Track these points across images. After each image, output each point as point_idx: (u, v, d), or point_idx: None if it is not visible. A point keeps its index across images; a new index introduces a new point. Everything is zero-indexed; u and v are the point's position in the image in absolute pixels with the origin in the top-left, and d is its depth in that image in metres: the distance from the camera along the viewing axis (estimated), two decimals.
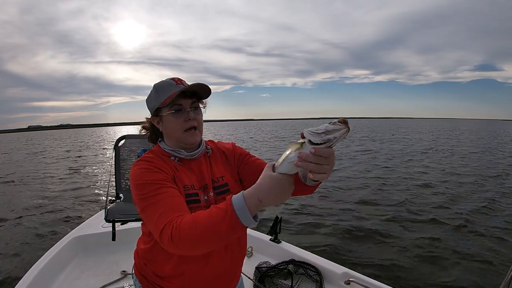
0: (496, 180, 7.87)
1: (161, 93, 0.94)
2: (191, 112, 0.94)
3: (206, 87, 0.94)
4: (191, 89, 0.93)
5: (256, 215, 0.69)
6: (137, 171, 0.87)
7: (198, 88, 0.93)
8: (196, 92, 0.95)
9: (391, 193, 6.61)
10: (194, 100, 0.96)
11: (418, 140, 21.89)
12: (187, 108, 0.94)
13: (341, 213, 5.26)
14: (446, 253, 3.72)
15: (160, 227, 0.73)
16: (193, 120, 0.94)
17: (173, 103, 0.92)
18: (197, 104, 0.97)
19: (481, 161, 11.28)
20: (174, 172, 0.92)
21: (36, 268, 1.93)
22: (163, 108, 0.94)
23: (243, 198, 0.68)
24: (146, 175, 0.85)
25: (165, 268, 0.94)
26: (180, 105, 0.93)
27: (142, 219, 0.86)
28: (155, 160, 0.91)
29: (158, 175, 0.86)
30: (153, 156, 0.93)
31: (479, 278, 3.14)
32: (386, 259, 3.57)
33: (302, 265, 2.02)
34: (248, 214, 0.67)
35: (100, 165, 12.73)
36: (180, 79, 0.97)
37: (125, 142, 2.40)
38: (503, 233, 4.26)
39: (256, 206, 0.67)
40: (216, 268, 0.96)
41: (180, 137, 0.95)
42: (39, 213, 5.79)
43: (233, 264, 1.02)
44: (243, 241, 1.06)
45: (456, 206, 5.56)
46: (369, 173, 8.94)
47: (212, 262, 0.95)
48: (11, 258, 3.85)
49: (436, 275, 3.23)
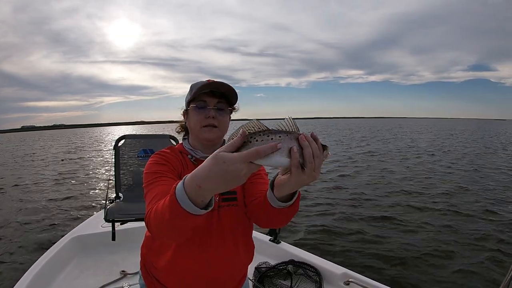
0: (498, 182, 7.88)
1: (192, 90, 0.97)
2: (213, 110, 0.96)
3: (231, 88, 0.96)
4: (217, 89, 0.95)
5: (208, 200, 0.63)
6: (148, 162, 0.95)
7: (225, 89, 0.96)
8: (226, 95, 0.97)
9: (391, 192, 6.61)
10: (221, 100, 0.97)
11: (416, 140, 21.92)
12: (211, 106, 0.96)
13: (341, 213, 5.26)
14: (445, 253, 3.72)
15: (147, 213, 0.77)
16: (214, 119, 0.95)
17: (198, 99, 0.96)
18: (223, 106, 0.98)
19: (485, 160, 11.30)
20: (183, 168, 0.96)
21: (36, 267, 1.93)
22: (191, 103, 0.98)
23: (182, 185, 0.63)
24: (153, 166, 0.92)
25: (160, 259, 0.97)
26: (204, 102, 0.96)
27: None
28: (168, 155, 0.97)
29: (163, 167, 0.92)
30: (167, 151, 0.99)
31: (479, 278, 3.14)
32: (385, 259, 3.58)
33: (301, 265, 2.02)
34: (187, 201, 0.61)
35: (99, 165, 12.73)
36: (214, 80, 0.99)
37: (125, 142, 2.40)
38: (504, 233, 4.27)
39: (196, 192, 0.60)
40: (213, 267, 0.95)
41: (198, 132, 0.97)
42: (39, 213, 5.79)
43: (235, 267, 1.02)
44: (249, 246, 1.06)
45: (456, 206, 5.56)
46: (368, 173, 8.95)
47: (209, 260, 0.94)
48: (10, 257, 3.85)
49: (435, 275, 3.23)
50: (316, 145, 0.61)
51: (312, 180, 0.63)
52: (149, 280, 1.03)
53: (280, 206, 0.77)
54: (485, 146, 17.87)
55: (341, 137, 26.65)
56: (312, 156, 0.60)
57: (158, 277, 0.99)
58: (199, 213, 0.63)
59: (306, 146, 0.60)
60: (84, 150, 20.94)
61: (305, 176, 0.62)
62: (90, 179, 9.42)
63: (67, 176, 10.09)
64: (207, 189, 0.60)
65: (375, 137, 26.07)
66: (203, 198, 0.62)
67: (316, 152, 0.60)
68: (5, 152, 23.06)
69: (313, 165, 0.61)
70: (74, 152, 19.56)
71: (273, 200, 0.77)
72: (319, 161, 0.61)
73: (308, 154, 0.60)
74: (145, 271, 1.05)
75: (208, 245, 0.94)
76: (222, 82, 0.96)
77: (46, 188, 8.22)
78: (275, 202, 0.76)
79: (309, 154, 0.60)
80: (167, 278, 0.98)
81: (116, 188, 2.34)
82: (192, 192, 0.61)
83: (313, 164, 0.60)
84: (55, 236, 4.40)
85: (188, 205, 0.62)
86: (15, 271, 3.38)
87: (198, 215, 0.63)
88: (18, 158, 17.64)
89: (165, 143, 2.38)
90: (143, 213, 0.82)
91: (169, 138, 2.42)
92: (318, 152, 0.61)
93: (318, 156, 0.61)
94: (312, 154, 0.60)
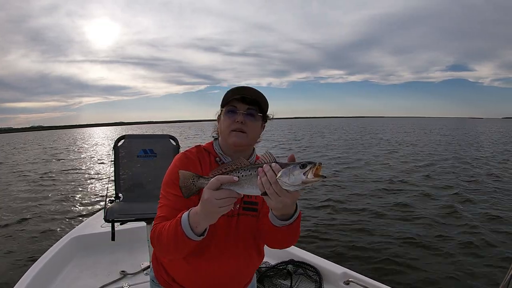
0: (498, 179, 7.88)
1: (226, 95, 1.01)
2: (242, 116, 0.97)
3: (263, 97, 1.00)
4: (249, 95, 0.98)
5: (202, 231, 0.82)
6: (172, 163, 1.00)
7: (255, 96, 0.98)
8: (257, 102, 0.99)
9: (390, 193, 6.62)
10: (252, 107, 0.99)
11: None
12: (240, 111, 0.98)
13: (341, 213, 5.26)
14: (445, 252, 3.72)
15: (152, 228, 0.93)
16: (242, 124, 0.97)
17: (230, 105, 0.99)
18: (254, 112, 0.99)
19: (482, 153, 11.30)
20: (202, 168, 1.00)
21: (36, 267, 1.93)
22: (223, 108, 1.01)
23: (187, 217, 0.82)
24: (173, 174, 0.95)
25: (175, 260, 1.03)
26: (235, 107, 0.99)
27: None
28: (193, 156, 1.01)
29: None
30: (193, 152, 1.03)
31: (478, 278, 3.14)
32: (385, 259, 3.58)
33: (301, 265, 2.02)
34: (190, 231, 0.81)
35: (99, 165, 12.72)
36: (247, 86, 1.01)
37: (125, 142, 2.39)
38: (503, 233, 4.27)
39: (196, 226, 0.81)
40: (224, 270, 0.99)
41: (227, 136, 0.99)
42: (39, 213, 5.78)
43: (247, 269, 1.06)
44: (261, 250, 1.09)
45: (456, 207, 5.56)
46: (367, 173, 8.95)
47: (221, 262, 0.98)
48: (10, 257, 3.85)
49: (435, 274, 3.23)
50: (271, 173, 0.70)
51: (284, 201, 0.72)
52: (160, 272, 1.07)
53: (279, 224, 0.86)
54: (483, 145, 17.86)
55: (339, 136, 26.66)
56: (269, 183, 0.70)
57: (166, 268, 1.05)
58: (196, 239, 0.82)
59: (262, 175, 0.71)
60: (87, 149, 20.94)
61: (270, 200, 0.73)
62: (90, 179, 9.41)
63: (67, 176, 10.09)
64: (202, 225, 0.81)
65: (373, 136, 26.08)
66: (201, 228, 0.82)
67: (271, 179, 0.70)
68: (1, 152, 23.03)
69: (272, 191, 0.70)
70: (76, 151, 19.56)
71: (272, 218, 0.87)
72: (277, 187, 0.70)
73: (263, 183, 0.71)
74: (156, 263, 1.09)
75: (223, 247, 0.98)
76: (254, 89, 0.98)
77: (46, 188, 8.21)
78: (274, 220, 0.87)
79: (264, 182, 0.71)
80: (179, 275, 1.02)
81: (116, 188, 2.34)
82: (194, 224, 0.81)
83: (271, 189, 0.70)
84: (55, 236, 4.40)
85: (191, 234, 0.81)
86: (15, 271, 3.37)
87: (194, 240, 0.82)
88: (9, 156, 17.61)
89: (165, 143, 2.37)
90: (143, 213, 0.86)
91: (168, 138, 2.42)
92: (274, 179, 0.70)
93: (274, 182, 0.70)
94: (268, 182, 0.70)
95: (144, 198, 2.25)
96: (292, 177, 0.68)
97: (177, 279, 1.03)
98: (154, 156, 2.34)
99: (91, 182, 8.96)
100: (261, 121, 1.03)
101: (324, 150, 16.03)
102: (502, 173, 8.79)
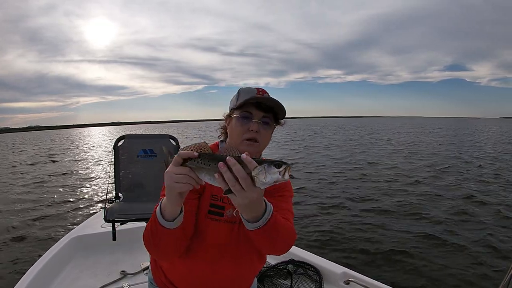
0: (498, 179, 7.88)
1: (240, 96, 0.95)
2: (257, 124, 0.92)
3: (281, 106, 0.93)
4: (266, 102, 0.92)
5: (171, 215, 0.78)
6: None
7: (273, 104, 0.92)
8: (273, 109, 0.94)
9: (390, 193, 6.61)
10: (267, 115, 0.94)
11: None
12: (256, 119, 0.92)
13: (341, 213, 5.26)
14: (445, 252, 3.72)
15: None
16: (256, 133, 0.92)
17: (244, 109, 0.93)
18: (268, 120, 0.94)
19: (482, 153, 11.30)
20: None
21: (36, 268, 1.93)
22: (236, 111, 0.95)
23: (160, 204, 0.80)
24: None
25: (175, 263, 1.00)
26: (250, 113, 0.93)
27: None
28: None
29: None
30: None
31: (478, 278, 3.14)
32: (385, 258, 3.58)
33: (301, 265, 2.01)
34: (161, 217, 0.79)
35: (99, 165, 12.71)
36: (264, 91, 0.96)
37: (125, 142, 2.39)
38: (503, 233, 4.27)
39: (164, 210, 0.78)
40: (226, 274, 0.97)
41: (239, 144, 0.93)
42: (39, 213, 5.78)
43: (248, 274, 1.04)
44: (263, 254, 1.05)
45: (456, 206, 5.56)
46: (368, 172, 8.95)
47: (223, 267, 0.96)
48: (10, 257, 3.84)
49: (435, 274, 3.23)
50: (238, 168, 0.64)
51: (249, 198, 0.67)
52: (158, 274, 1.05)
53: (252, 228, 0.77)
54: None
55: (337, 137, 26.65)
56: (234, 180, 0.64)
57: (164, 269, 1.03)
58: (168, 226, 0.78)
59: (225, 171, 0.65)
60: (86, 149, 20.93)
61: (235, 197, 0.67)
62: (90, 179, 9.41)
63: (67, 176, 10.09)
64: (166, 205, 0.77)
65: (373, 136, 26.08)
66: (170, 215, 0.78)
67: (239, 174, 0.64)
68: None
69: (238, 188, 0.65)
70: (75, 151, 19.56)
71: (245, 222, 0.78)
72: (246, 182, 0.64)
73: (228, 178, 0.65)
74: (154, 265, 1.07)
75: (224, 251, 0.95)
76: (272, 97, 0.93)
77: (46, 189, 8.21)
78: (247, 224, 0.78)
79: (228, 178, 0.65)
80: (177, 278, 1.00)
81: (116, 188, 2.34)
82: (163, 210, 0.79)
83: (237, 186, 0.65)
84: (55, 236, 4.41)
85: (162, 221, 0.78)
86: (15, 271, 3.38)
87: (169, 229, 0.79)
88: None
89: (165, 143, 2.37)
90: (143, 213, 0.85)
91: (168, 138, 2.42)
92: (242, 174, 0.64)
93: (243, 177, 0.64)
94: (235, 177, 0.64)
95: (144, 198, 2.25)
96: (268, 175, 0.65)
97: (175, 281, 1.01)
98: (154, 156, 2.34)
99: (91, 182, 8.95)
100: (273, 129, 0.99)
101: (324, 150, 16.01)
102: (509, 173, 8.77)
